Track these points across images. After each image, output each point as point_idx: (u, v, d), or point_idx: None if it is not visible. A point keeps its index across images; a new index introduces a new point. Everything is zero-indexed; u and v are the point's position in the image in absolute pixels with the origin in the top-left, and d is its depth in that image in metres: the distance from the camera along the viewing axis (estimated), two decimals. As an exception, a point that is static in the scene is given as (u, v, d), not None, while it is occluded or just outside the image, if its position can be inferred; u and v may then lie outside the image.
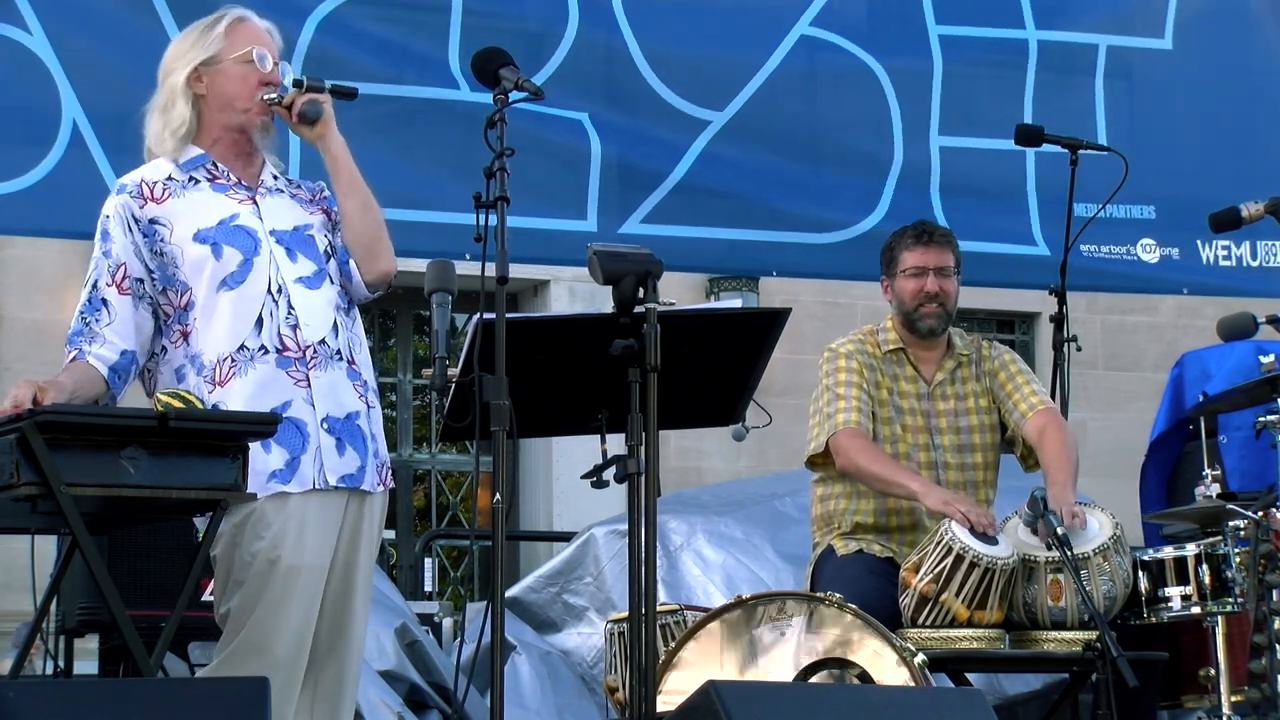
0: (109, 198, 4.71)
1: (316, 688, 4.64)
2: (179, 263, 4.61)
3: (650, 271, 4.68)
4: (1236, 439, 7.21)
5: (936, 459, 6.03)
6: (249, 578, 4.51)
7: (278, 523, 4.52)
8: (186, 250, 4.61)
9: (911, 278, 6.12)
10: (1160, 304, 13.67)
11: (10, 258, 12.13)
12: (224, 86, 4.70)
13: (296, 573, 4.52)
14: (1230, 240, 7.69)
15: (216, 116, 4.73)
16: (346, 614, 4.67)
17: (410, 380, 13.24)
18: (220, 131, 4.74)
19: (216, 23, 4.73)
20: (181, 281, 4.62)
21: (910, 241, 6.15)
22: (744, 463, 12.58)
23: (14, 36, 6.30)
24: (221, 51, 4.69)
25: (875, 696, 4.84)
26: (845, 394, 6.01)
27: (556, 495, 12.82)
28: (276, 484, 4.54)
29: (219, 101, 4.71)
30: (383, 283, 4.80)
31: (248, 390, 4.56)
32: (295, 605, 4.53)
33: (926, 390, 6.11)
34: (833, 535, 6.03)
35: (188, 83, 4.69)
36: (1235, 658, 5.83)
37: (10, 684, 4.01)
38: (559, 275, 12.77)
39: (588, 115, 7.00)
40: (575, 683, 7.26)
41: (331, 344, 4.67)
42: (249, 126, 4.72)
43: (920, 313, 6.10)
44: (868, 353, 6.12)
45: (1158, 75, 7.82)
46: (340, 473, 4.63)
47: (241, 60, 4.70)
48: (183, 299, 4.62)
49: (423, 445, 13.44)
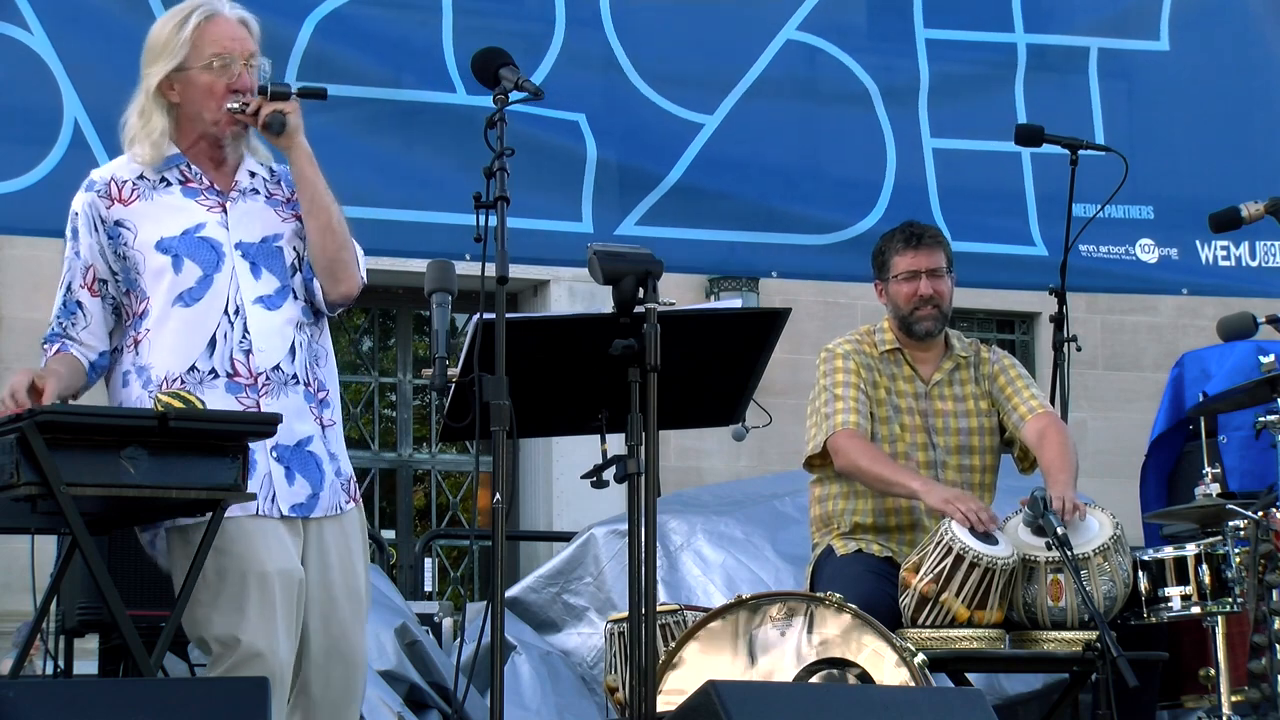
0: (78, 193, 4.63)
1: (318, 696, 4.62)
2: (140, 269, 4.56)
3: (650, 271, 4.69)
4: (1236, 439, 7.20)
5: (935, 458, 6.03)
6: (224, 590, 4.45)
7: (238, 539, 4.47)
8: (148, 258, 4.56)
9: (905, 282, 6.10)
10: (1160, 304, 13.66)
11: (10, 258, 12.14)
12: (193, 96, 4.60)
13: (268, 578, 4.46)
14: (1229, 240, 7.69)
15: (190, 122, 4.65)
16: (336, 623, 4.62)
17: (410, 380, 13.23)
18: (194, 136, 4.66)
19: (185, 22, 4.57)
20: (141, 289, 4.57)
21: (900, 245, 6.13)
22: (744, 463, 12.58)
23: (15, 36, 6.30)
24: (188, 58, 4.57)
25: (875, 696, 4.84)
26: (843, 394, 6.00)
27: (556, 495, 12.82)
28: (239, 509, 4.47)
29: (190, 109, 4.63)
30: (343, 303, 4.71)
31: None
32: (280, 609, 4.47)
33: (924, 390, 6.11)
34: (832, 535, 6.03)
35: (160, 90, 4.60)
36: (1235, 658, 5.83)
37: (10, 684, 4.01)
38: (559, 275, 12.77)
39: (584, 116, 7.01)
40: (575, 683, 7.26)
41: (286, 369, 4.60)
42: (220, 136, 4.64)
43: (916, 316, 6.10)
44: (865, 353, 6.11)
45: (1155, 76, 7.82)
46: (290, 501, 4.58)
47: (207, 68, 4.58)
48: (140, 306, 4.58)
49: (423, 445, 13.44)
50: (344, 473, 4.70)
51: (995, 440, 6.13)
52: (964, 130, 7.55)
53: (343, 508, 4.68)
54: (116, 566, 6.17)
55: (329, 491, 4.65)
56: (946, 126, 7.52)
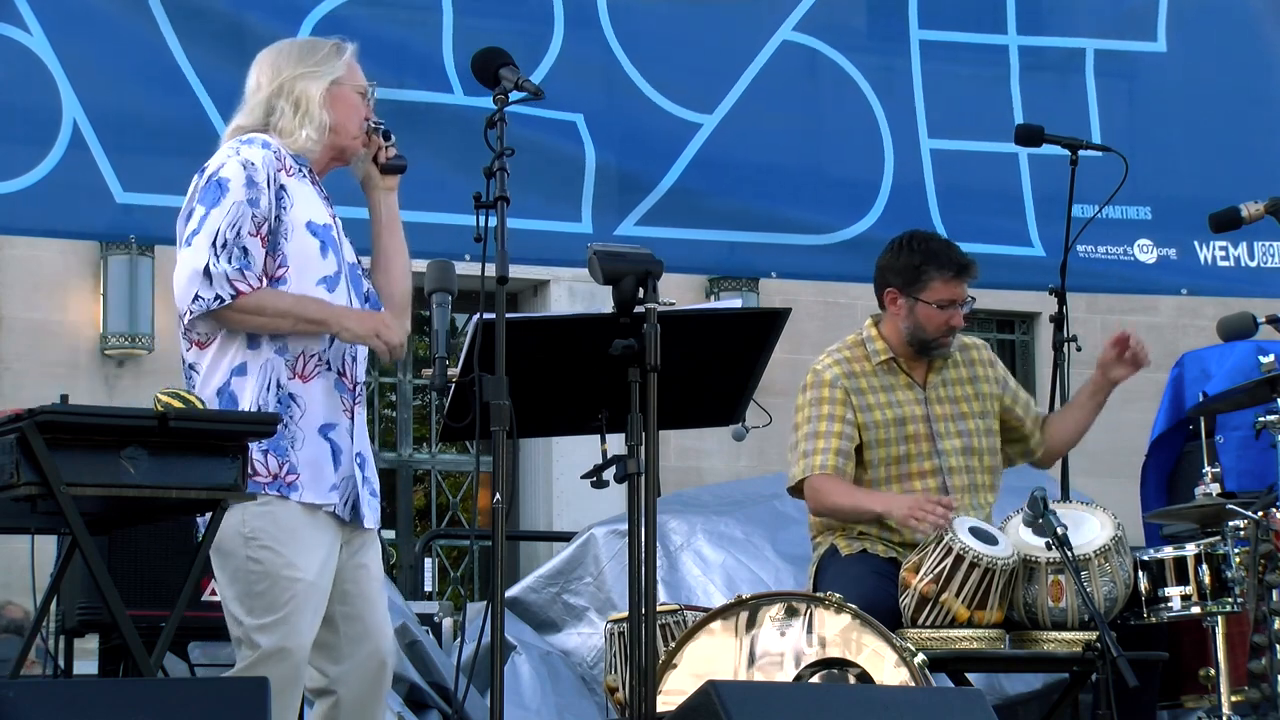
0: (248, 148, 4.67)
1: (348, 697, 4.70)
2: (288, 237, 4.66)
3: (650, 271, 4.69)
4: (1235, 439, 7.20)
5: (941, 464, 5.97)
6: (269, 589, 4.55)
7: (292, 539, 4.57)
8: (297, 231, 4.67)
9: (941, 310, 5.92)
10: (1160, 304, 13.66)
11: (10, 258, 12.14)
12: (343, 110, 4.79)
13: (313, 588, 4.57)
14: (1228, 241, 7.68)
15: (329, 135, 4.79)
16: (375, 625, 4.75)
17: (410, 380, 13.24)
18: (326, 151, 4.80)
19: (343, 49, 4.84)
20: (283, 255, 4.66)
21: (949, 274, 5.91)
22: (744, 463, 12.59)
23: (14, 36, 6.30)
24: (344, 77, 4.80)
25: (875, 696, 4.84)
26: (825, 430, 5.87)
27: (556, 495, 12.84)
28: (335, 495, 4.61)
29: (334, 121, 4.78)
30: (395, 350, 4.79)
31: (321, 396, 4.64)
32: (313, 615, 4.58)
33: (923, 395, 6.04)
34: (835, 535, 5.98)
35: (323, 97, 4.76)
36: (1235, 658, 5.83)
37: (10, 684, 4.02)
38: (559, 275, 12.78)
39: (582, 117, 7.01)
40: (575, 683, 7.26)
41: (363, 389, 4.79)
42: (351, 154, 4.82)
43: (940, 342, 5.98)
44: (856, 372, 5.97)
45: (1152, 77, 7.82)
46: (374, 516, 4.73)
47: (358, 90, 4.82)
48: (278, 270, 4.66)
49: (423, 445, 13.45)
50: (377, 493, 4.84)
51: (995, 441, 6.10)
52: (963, 131, 7.54)
53: (375, 522, 4.80)
54: (116, 566, 6.18)
55: (368, 505, 4.76)
56: (945, 127, 7.51)
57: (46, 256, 12.08)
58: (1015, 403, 6.15)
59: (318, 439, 4.61)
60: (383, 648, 4.76)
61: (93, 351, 12.16)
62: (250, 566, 4.53)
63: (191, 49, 6.49)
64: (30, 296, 12.20)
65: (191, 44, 6.50)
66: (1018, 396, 6.17)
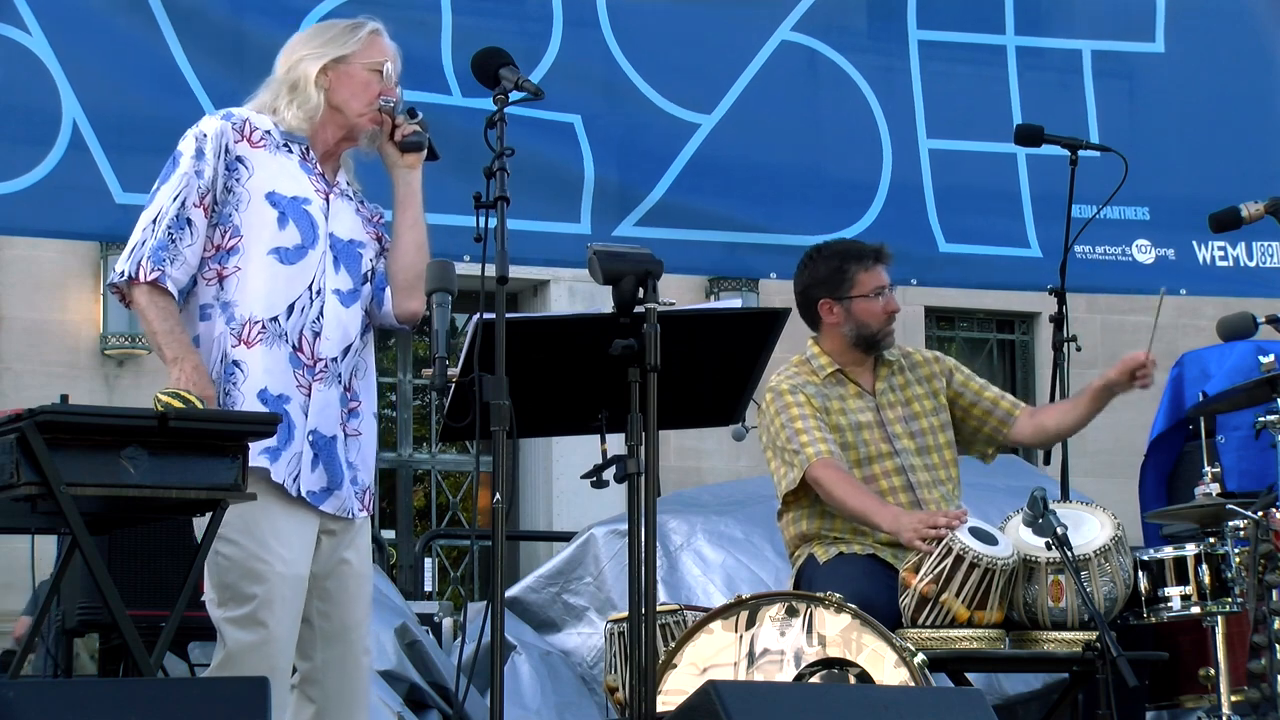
0: (208, 118, 4.76)
1: (331, 691, 4.69)
2: (240, 207, 4.68)
3: (650, 271, 4.69)
4: (1235, 439, 7.20)
5: (904, 463, 5.96)
6: (238, 581, 4.55)
7: (257, 529, 4.56)
8: (253, 201, 4.69)
9: (876, 298, 5.96)
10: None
11: (10, 258, 12.14)
12: (346, 86, 4.80)
13: (284, 578, 4.57)
14: (1226, 241, 7.68)
15: (331, 114, 4.81)
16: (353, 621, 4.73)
17: (410, 380, 13.24)
18: (327, 129, 4.82)
19: (360, 27, 4.86)
20: (234, 225, 4.68)
21: (869, 262, 5.98)
22: (744, 463, 12.58)
23: (14, 37, 6.30)
24: (355, 54, 4.81)
25: (875, 696, 4.84)
26: (804, 427, 5.87)
27: (556, 495, 12.84)
28: (265, 459, 4.57)
29: (336, 99, 4.80)
30: (410, 320, 4.86)
31: (265, 363, 4.64)
32: (286, 605, 4.57)
33: (874, 402, 6.02)
34: (813, 545, 5.95)
35: (318, 76, 4.78)
36: (1235, 658, 5.83)
37: (10, 684, 4.02)
38: (559, 275, 12.78)
39: (580, 118, 7.01)
40: (575, 683, 7.26)
41: (334, 367, 4.74)
42: (358, 131, 4.82)
43: (885, 331, 6.00)
44: (810, 384, 5.96)
45: (1151, 78, 7.82)
46: (308, 486, 4.67)
47: (371, 68, 4.82)
48: (229, 241, 4.68)
49: (423, 445, 13.45)
50: (360, 482, 4.79)
51: (950, 437, 6.09)
52: (962, 131, 7.55)
53: (355, 513, 4.77)
54: (116, 566, 6.18)
55: (345, 492, 4.73)
56: (944, 127, 7.52)
57: (46, 256, 12.08)
58: (966, 385, 6.13)
59: (256, 404, 4.62)
60: (359, 645, 4.75)
61: (93, 351, 12.16)
62: (218, 560, 4.56)
63: (191, 50, 6.50)
64: (30, 296, 12.20)
65: (191, 45, 6.50)
66: (968, 384, 6.13)
